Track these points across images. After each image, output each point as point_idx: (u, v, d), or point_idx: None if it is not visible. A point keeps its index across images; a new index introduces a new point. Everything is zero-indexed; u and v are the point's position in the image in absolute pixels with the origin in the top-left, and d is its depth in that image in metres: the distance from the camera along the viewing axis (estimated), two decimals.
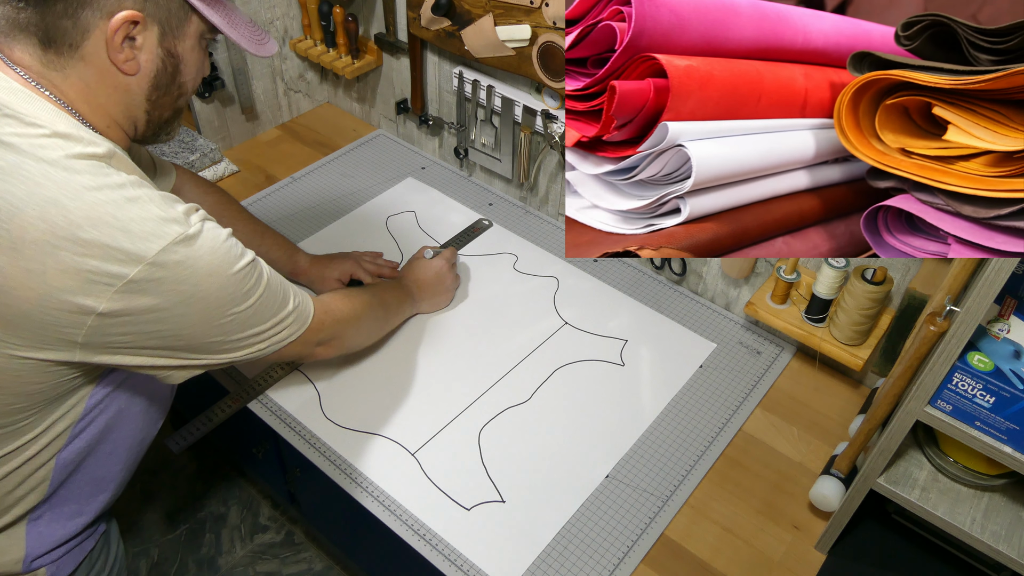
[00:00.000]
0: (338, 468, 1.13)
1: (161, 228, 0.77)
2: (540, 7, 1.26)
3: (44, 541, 0.94)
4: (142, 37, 0.80)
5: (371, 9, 1.62)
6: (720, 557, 1.07)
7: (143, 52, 0.81)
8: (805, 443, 1.21)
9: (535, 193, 1.57)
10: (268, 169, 1.68)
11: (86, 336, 0.77)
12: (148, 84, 0.84)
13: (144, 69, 0.82)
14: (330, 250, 1.41)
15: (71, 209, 0.73)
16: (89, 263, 0.74)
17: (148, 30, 0.80)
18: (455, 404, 1.22)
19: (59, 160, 0.75)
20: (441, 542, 1.05)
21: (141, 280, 0.76)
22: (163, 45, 0.82)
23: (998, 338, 0.86)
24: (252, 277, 0.86)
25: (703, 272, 1.40)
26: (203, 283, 0.80)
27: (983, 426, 0.85)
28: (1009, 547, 0.91)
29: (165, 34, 0.82)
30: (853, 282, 1.14)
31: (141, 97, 0.84)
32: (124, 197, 0.76)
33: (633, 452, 1.17)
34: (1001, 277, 0.73)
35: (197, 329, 0.83)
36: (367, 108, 1.81)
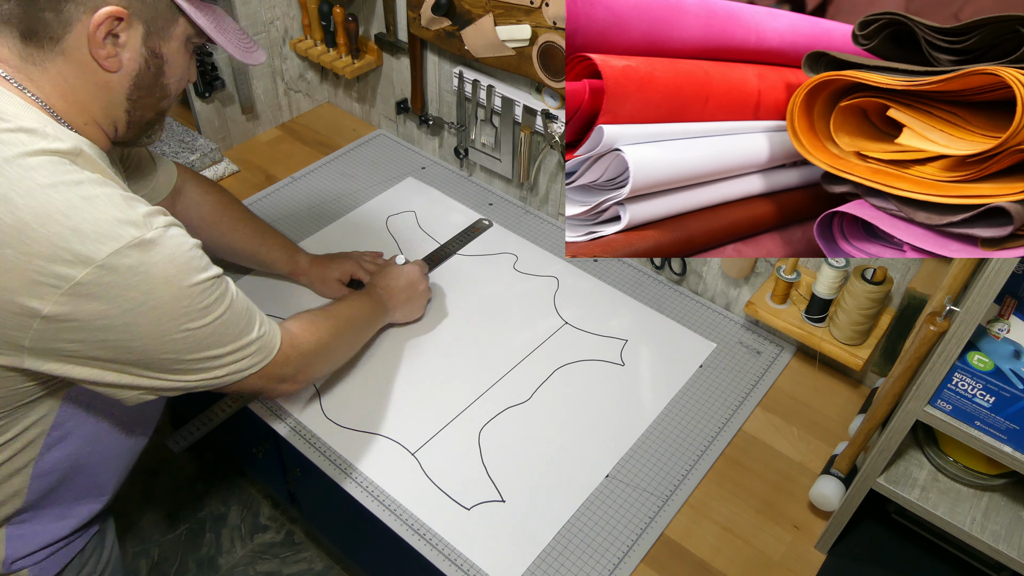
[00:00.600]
0: (338, 468, 1.13)
1: (115, 230, 0.73)
2: (540, 7, 1.26)
3: (26, 544, 0.93)
4: (126, 35, 0.78)
5: (371, 9, 1.62)
6: (720, 557, 1.07)
7: (126, 50, 0.79)
8: (805, 443, 1.21)
9: (535, 193, 1.57)
10: (268, 169, 1.68)
11: (33, 340, 0.74)
12: (130, 83, 0.82)
13: (126, 67, 0.81)
14: (330, 250, 1.41)
15: (20, 206, 0.71)
16: (35, 263, 0.71)
17: (133, 28, 0.79)
18: (455, 404, 1.22)
19: (16, 156, 0.72)
20: (441, 542, 1.05)
21: (89, 283, 0.72)
22: (147, 44, 0.81)
23: (998, 338, 0.86)
24: (213, 293, 0.82)
25: (703, 272, 1.40)
26: (156, 291, 0.76)
27: (983, 426, 0.85)
28: (1009, 547, 0.91)
29: (150, 33, 0.80)
30: (853, 282, 1.14)
31: (122, 96, 0.83)
32: (79, 196, 0.73)
33: (633, 452, 1.17)
34: (1001, 277, 0.73)
35: (148, 342, 0.78)
36: (367, 108, 1.81)
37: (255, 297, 1.36)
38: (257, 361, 0.90)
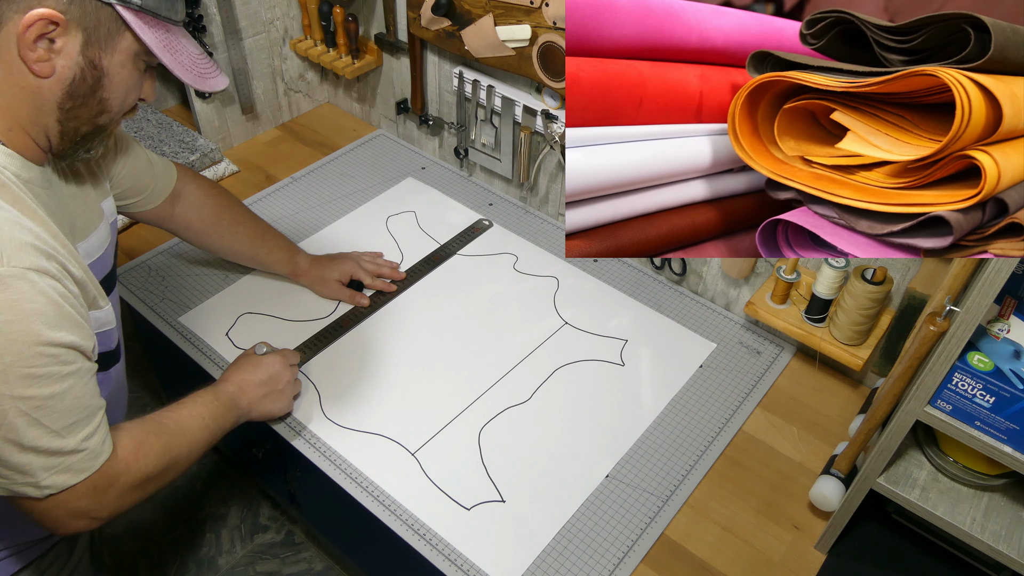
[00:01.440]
0: (338, 468, 1.13)
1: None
2: (540, 7, 1.26)
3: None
4: (63, 40, 0.75)
5: (371, 9, 1.62)
6: (720, 557, 1.07)
7: (61, 57, 0.75)
8: (805, 443, 1.21)
9: (535, 193, 1.57)
10: (268, 169, 1.68)
11: None
12: (61, 91, 0.77)
13: (59, 74, 0.76)
14: (330, 250, 1.41)
15: None
16: None
17: (70, 35, 0.75)
18: (455, 404, 1.21)
19: None
20: (441, 542, 1.05)
21: None
22: (86, 54, 0.76)
23: (998, 338, 0.86)
24: (46, 366, 0.73)
25: (703, 272, 1.40)
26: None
27: (983, 426, 0.85)
28: (1009, 547, 0.91)
29: (90, 43, 0.76)
30: (853, 282, 1.14)
31: (52, 104, 0.78)
32: None
33: (633, 452, 1.17)
34: (1001, 277, 0.73)
35: None
36: (367, 108, 1.81)
37: (255, 297, 1.36)
38: (55, 482, 0.76)
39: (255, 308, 1.34)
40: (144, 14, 0.78)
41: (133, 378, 2.10)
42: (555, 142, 1.39)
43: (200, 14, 1.52)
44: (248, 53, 1.65)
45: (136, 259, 1.44)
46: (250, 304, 1.35)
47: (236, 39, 1.60)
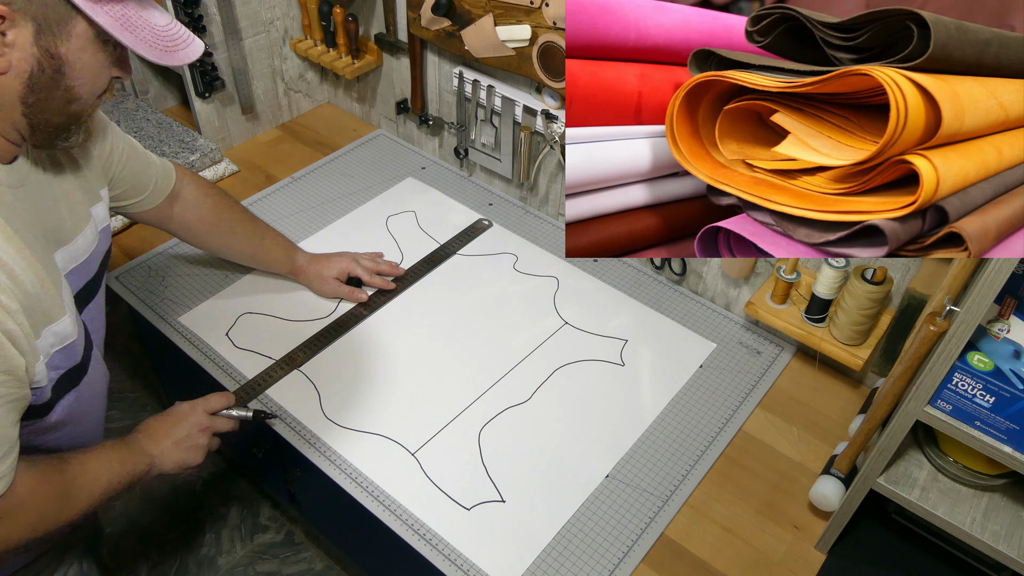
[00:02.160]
0: (338, 468, 1.13)
1: None
2: (540, 7, 1.26)
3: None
4: (12, 33, 0.72)
5: (371, 9, 1.62)
6: (720, 557, 1.07)
7: (15, 50, 0.73)
8: (805, 443, 1.21)
9: (535, 193, 1.57)
10: (268, 169, 1.68)
11: None
12: (22, 85, 0.75)
13: (16, 68, 0.74)
14: (331, 250, 1.41)
15: None
16: None
17: (20, 27, 0.72)
18: (455, 404, 1.21)
19: None
20: (441, 542, 1.05)
21: None
22: (40, 44, 0.73)
23: (998, 338, 0.86)
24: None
25: (703, 272, 1.40)
26: None
27: (983, 426, 0.85)
28: (1009, 547, 0.91)
29: (42, 32, 0.73)
30: (853, 282, 1.14)
31: (14, 99, 0.76)
32: None
33: (633, 452, 1.17)
34: (1001, 277, 0.73)
35: None
36: (367, 108, 1.81)
37: (255, 297, 1.36)
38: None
39: (255, 308, 1.34)
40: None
41: (133, 378, 2.10)
42: (555, 142, 1.39)
43: (200, 14, 1.52)
44: (248, 53, 1.65)
45: (136, 259, 1.44)
46: (250, 304, 1.35)
47: (236, 39, 1.60)
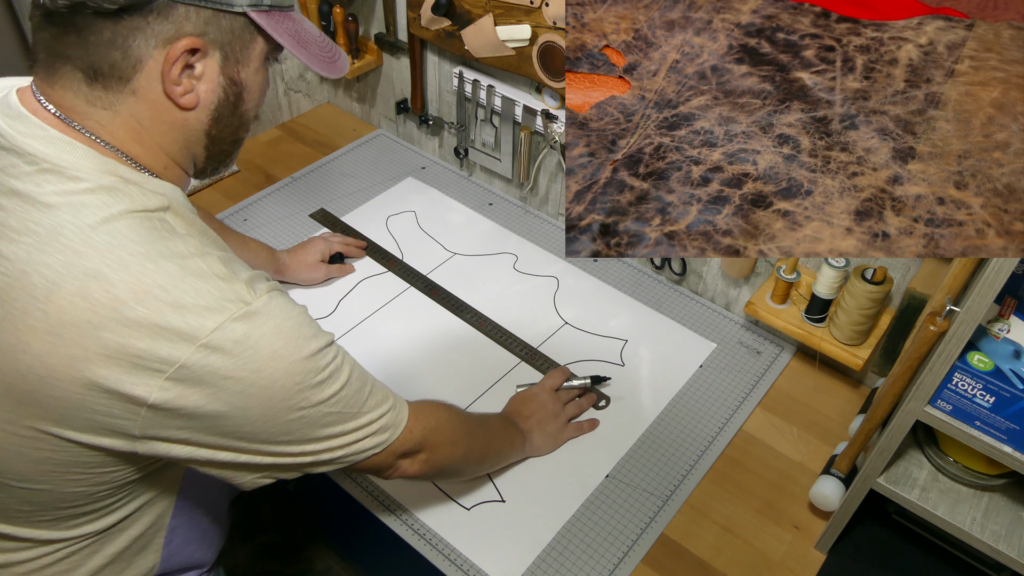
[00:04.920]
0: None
1: (219, 302, 0.66)
2: (540, 7, 1.26)
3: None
4: (202, 65, 0.70)
5: (371, 9, 1.62)
6: (720, 557, 1.07)
7: (203, 82, 0.71)
8: (805, 443, 1.21)
9: (535, 193, 1.57)
10: (268, 169, 1.68)
11: (141, 429, 0.68)
12: (208, 118, 0.74)
13: (204, 101, 0.72)
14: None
15: (115, 282, 0.64)
16: (135, 346, 0.64)
17: (209, 57, 0.70)
18: (455, 404, 1.21)
19: (100, 222, 0.65)
20: (441, 542, 1.05)
21: (193, 366, 0.65)
22: (225, 73, 0.72)
23: (998, 338, 0.86)
24: (327, 367, 0.73)
25: (703, 272, 1.40)
26: (265, 369, 0.68)
27: (983, 426, 0.85)
28: (1009, 547, 0.91)
29: (228, 60, 0.72)
30: (853, 282, 1.14)
31: (200, 132, 0.74)
32: (177, 265, 0.66)
33: (633, 452, 1.17)
34: (1001, 277, 0.73)
35: (260, 425, 0.70)
36: (367, 108, 1.81)
37: None
38: (383, 440, 0.82)
39: None
40: (273, 11, 0.73)
41: None
42: (555, 142, 1.39)
43: None
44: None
45: None
46: None
47: None
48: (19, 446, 0.69)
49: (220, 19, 0.69)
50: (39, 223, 0.65)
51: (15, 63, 1.72)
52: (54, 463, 0.71)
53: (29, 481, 0.72)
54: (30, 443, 0.69)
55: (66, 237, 0.65)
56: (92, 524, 0.79)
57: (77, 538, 0.79)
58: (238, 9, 0.70)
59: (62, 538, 0.78)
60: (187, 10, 0.67)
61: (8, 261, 0.65)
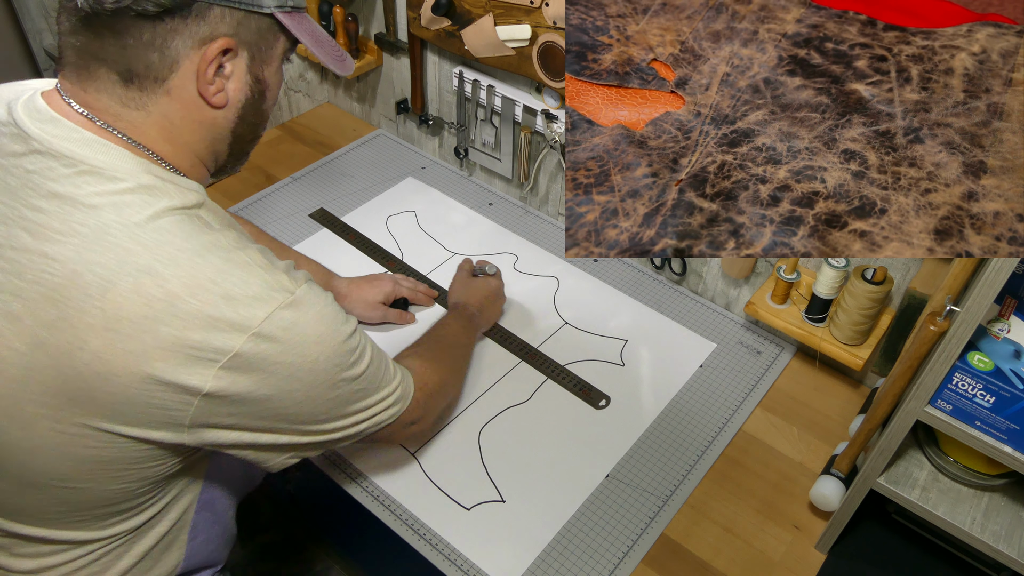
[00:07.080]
0: (338, 468, 1.13)
1: (266, 292, 0.70)
2: (540, 7, 1.26)
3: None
4: (231, 65, 0.73)
5: (371, 9, 1.62)
6: (720, 557, 1.07)
7: (232, 81, 0.74)
8: (805, 443, 1.21)
9: (535, 193, 1.57)
10: (268, 169, 1.68)
11: (193, 418, 0.70)
12: (235, 116, 0.76)
13: (232, 100, 0.75)
14: (332, 251, 1.41)
15: (168, 277, 0.66)
16: (191, 337, 0.66)
17: (239, 57, 0.73)
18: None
19: (145, 220, 0.67)
20: (441, 542, 1.05)
21: (246, 353, 0.68)
22: (251, 72, 0.75)
23: (998, 338, 0.86)
24: (357, 347, 0.78)
25: (703, 272, 1.40)
26: (311, 352, 0.72)
27: (983, 426, 0.85)
28: (1009, 547, 0.91)
29: (254, 60, 0.74)
30: (853, 282, 1.14)
31: (227, 131, 0.77)
32: (223, 259, 0.69)
33: (633, 452, 1.17)
34: (1001, 277, 0.73)
35: (303, 406, 0.75)
36: (367, 108, 1.81)
37: None
38: (396, 411, 0.87)
39: None
40: (295, 12, 0.76)
41: None
42: (555, 142, 1.39)
43: None
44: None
45: None
46: None
47: None
48: (64, 445, 0.70)
49: (250, 20, 0.72)
50: (84, 223, 0.67)
51: (15, 63, 1.72)
52: (97, 460, 0.72)
53: (70, 480, 0.73)
54: (76, 440, 0.70)
55: (114, 236, 0.66)
56: (125, 522, 0.80)
57: (109, 538, 0.80)
58: (266, 10, 0.73)
59: (95, 538, 0.79)
60: (222, 11, 0.70)
61: (56, 262, 0.66)
